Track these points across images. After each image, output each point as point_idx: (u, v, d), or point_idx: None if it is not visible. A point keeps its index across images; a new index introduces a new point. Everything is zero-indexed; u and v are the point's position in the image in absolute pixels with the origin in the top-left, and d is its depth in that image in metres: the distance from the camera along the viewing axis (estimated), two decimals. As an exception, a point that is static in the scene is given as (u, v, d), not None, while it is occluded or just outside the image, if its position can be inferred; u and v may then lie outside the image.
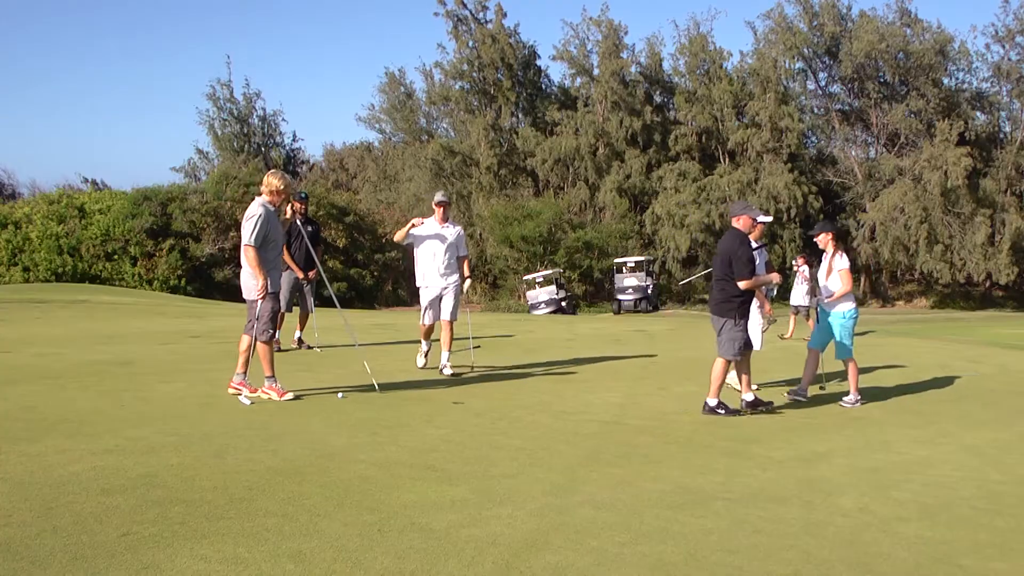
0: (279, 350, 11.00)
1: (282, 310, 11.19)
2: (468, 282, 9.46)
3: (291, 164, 63.79)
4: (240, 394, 7.60)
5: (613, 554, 4.08)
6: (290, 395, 7.65)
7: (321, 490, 4.88)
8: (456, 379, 8.83)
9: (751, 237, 7.96)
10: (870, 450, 6.55)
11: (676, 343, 14.10)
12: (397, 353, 11.20)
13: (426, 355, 9.63)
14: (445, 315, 9.27)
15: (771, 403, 8.03)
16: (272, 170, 8.01)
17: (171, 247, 39.54)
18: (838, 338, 8.51)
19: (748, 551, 4.22)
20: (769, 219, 8.66)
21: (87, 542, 3.92)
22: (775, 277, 8.24)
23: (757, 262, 8.14)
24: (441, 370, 9.18)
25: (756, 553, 4.20)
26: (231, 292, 38.91)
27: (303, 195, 11.55)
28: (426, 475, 5.31)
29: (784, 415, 7.88)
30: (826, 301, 8.54)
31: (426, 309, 9.41)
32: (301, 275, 11.06)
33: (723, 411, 7.64)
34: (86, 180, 57.42)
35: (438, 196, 9.40)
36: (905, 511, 5.03)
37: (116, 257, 39.39)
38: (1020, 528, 4.84)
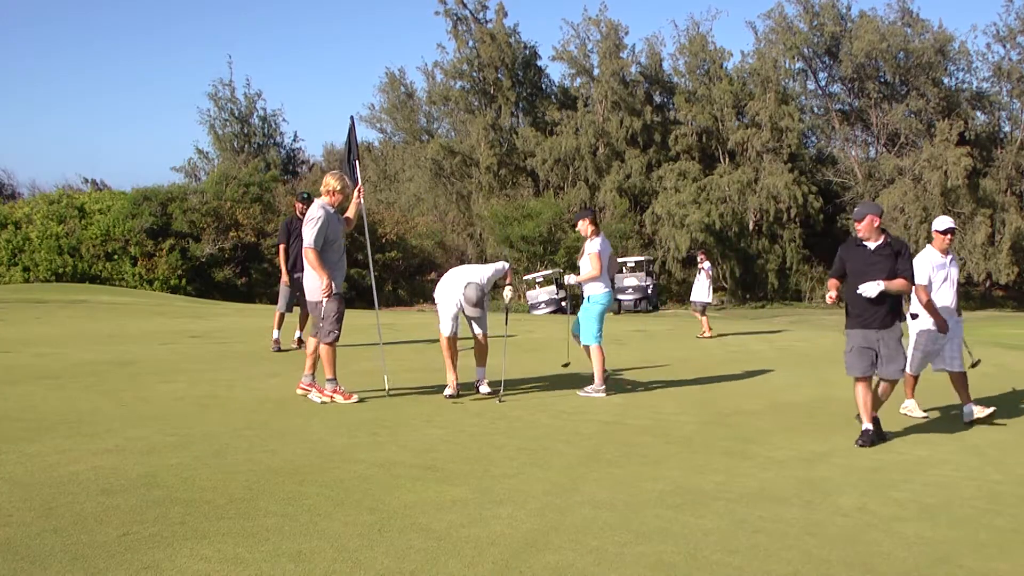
0: (279, 350, 11.02)
1: (282, 310, 11.21)
2: (509, 290, 8.42)
3: (291, 164, 63.79)
4: (308, 394, 7.72)
5: (613, 554, 4.08)
6: (355, 398, 7.64)
7: (321, 490, 4.88)
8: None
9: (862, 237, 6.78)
10: (870, 450, 6.54)
11: (676, 343, 14.10)
12: (397, 353, 11.19)
13: (455, 385, 8.16)
14: (475, 329, 8.31)
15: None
16: (331, 171, 8.07)
17: (171, 247, 39.49)
18: (584, 322, 8.47)
19: (748, 551, 4.22)
20: (949, 225, 7.68)
21: (87, 542, 3.93)
22: (887, 284, 6.57)
23: (919, 270, 7.34)
24: (477, 387, 8.34)
25: (756, 553, 4.20)
26: (231, 292, 38.90)
27: (305, 195, 11.57)
28: (426, 475, 5.31)
29: (788, 417, 7.87)
30: (572, 282, 8.61)
31: (445, 319, 8.19)
32: (285, 278, 11.05)
33: (861, 441, 6.65)
34: (86, 180, 57.38)
35: None
36: (905, 511, 5.03)
37: (116, 257, 39.35)
38: (1020, 528, 4.84)
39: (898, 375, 6.72)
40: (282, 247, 11.13)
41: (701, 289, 16.17)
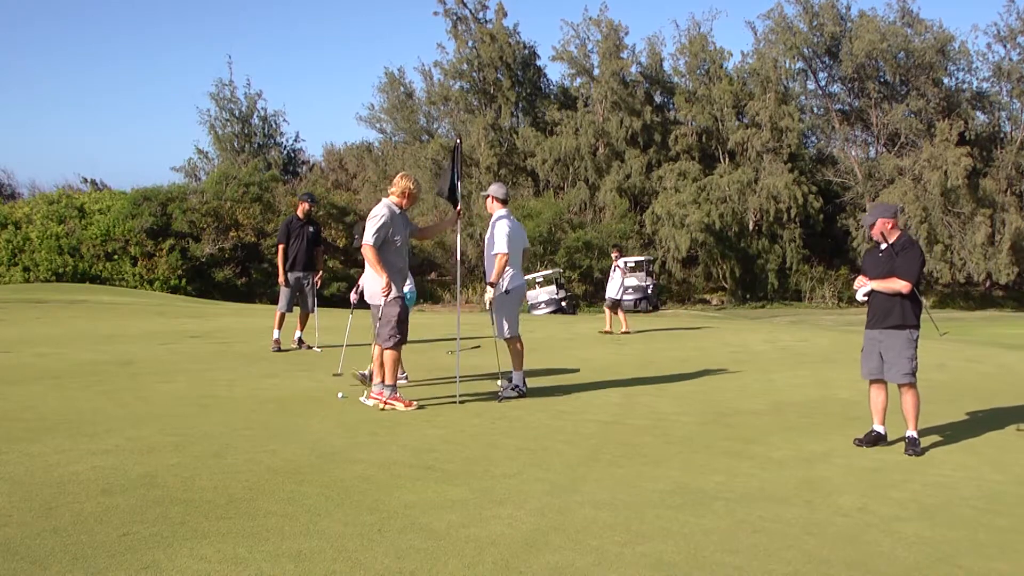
0: (279, 350, 11.00)
1: (282, 310, 11.20)
2: (489, 292, 8.22)
3: (292, 164, 63.78)
4: (393, 407, 7.33)
5: (613, 554, 4.08)
6: (415, 405, 7.42)
7: (321, 490, 4.88)
8: (454, 379, 8.75)
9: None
10: (870, 450, 6.54)
11: (676, 343, 14.09)
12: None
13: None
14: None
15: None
16: (403, 172, 7.89)
17: (171, 247, 39.52)
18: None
19: (748, 551, 4.22)
20: None
21: (87, 542, 3.93)
22: (873, 284, 6.60)
23: None
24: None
25: (756, 553, 4.20)
26: (231, 292, 38.90)
27: (311, 197, 11.62)
28: (426, 475, 5.31)
29: (788, 417, 7.87)
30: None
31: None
32: (282, 278, 11.06)
33: (859, 440, 6.70)
34: (86, 180, 57.38)
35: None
36: (905, 511, 5.03)
37: (116, 257, 39.37)
38: (1020, 528, 4.84)
39: (901, 379, 6.54)
40: (281, 247, 11.14)
41: (614, 286, 16.36)
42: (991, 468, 6.15)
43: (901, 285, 6.44)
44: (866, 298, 6.68)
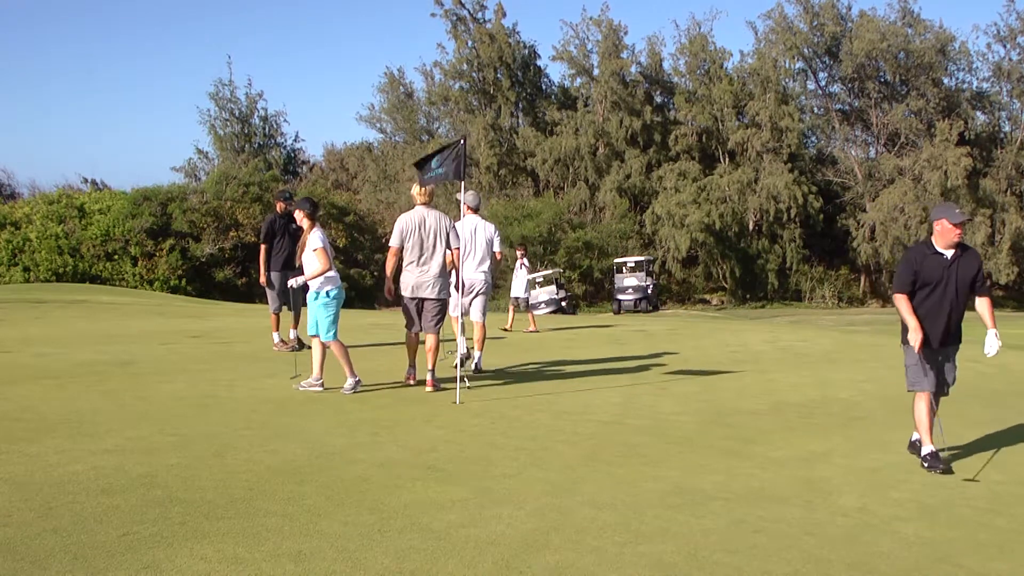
0: (295, 348, 10.92)
1: (274, 311, 11.15)
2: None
3: (292, 164, 63.79)
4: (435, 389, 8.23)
5: (613, 554, 4.08)
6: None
7: (321, 490, 4.88)
8: (454, 379, 8.76)
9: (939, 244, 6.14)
10: (870, 450, 6.54)
11: (676, 343, 14.08)
12: (398, 353, 11.17)
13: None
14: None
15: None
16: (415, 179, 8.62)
17: (171, 247, 39.51)
18: (317, 318, 8.29)
19: (748, 551, 4.22)
20: None
21: (87, 542, 3.93)
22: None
23: None
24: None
25: (756, 553, 4.20)
26: (231, 292, 38.88)
27: (288, 195, 11.54)
28: (426, 475, 5.32)
29: (788, 417, 7.87)
30: (299, 281, 8.35)
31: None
32: (263, 279, 10.99)
33: (926, 464, 6.04)
34: (86, 180, 57.39)
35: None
36: (905, 511, 5.03)
37: (116, 257, 39.35)
38: (1020, 528, 4.84)
39: (950, 385, 6.48)
40: (264, 247, 11.02)
41: (519, 284, 16.42)
42: (992, 468, 6.15)
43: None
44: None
